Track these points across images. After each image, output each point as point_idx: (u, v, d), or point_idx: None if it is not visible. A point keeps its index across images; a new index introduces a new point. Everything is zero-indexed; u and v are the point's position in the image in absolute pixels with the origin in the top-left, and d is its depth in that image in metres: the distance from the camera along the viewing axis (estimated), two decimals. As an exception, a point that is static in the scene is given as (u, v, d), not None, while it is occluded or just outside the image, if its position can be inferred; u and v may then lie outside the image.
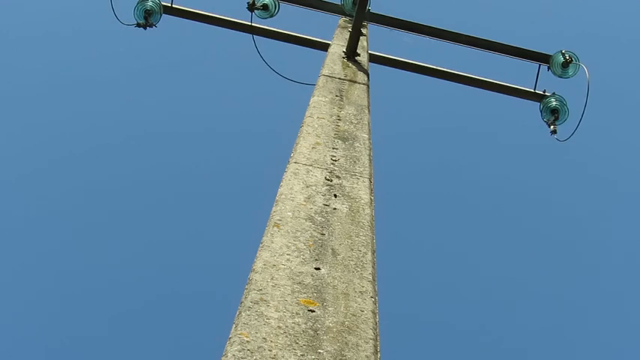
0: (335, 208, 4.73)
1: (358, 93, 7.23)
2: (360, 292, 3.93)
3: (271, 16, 10.53)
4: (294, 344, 3.35)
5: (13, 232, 24.06)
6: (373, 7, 10.61)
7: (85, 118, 25.15)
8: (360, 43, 8.70)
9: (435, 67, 10.79)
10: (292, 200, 4.67)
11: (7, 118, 24.78)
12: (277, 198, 4.69)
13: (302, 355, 3.30)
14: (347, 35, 8.93)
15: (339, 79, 7.53)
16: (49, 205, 24.36)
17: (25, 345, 23.38)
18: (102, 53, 25.26)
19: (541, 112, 10.56)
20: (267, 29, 10.61)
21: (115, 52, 25.03)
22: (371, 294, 3.95)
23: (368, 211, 4.84)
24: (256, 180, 22.88)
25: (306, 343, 3.38)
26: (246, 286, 3.72)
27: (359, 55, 8.54)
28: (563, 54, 10.60)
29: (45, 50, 25.44)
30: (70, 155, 24.87)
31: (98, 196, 24.55)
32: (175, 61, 25.69)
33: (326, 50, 8.96)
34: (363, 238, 4.49)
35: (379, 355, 3.58)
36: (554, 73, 10.68)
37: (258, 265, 3.89)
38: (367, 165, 5.55)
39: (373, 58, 9.90)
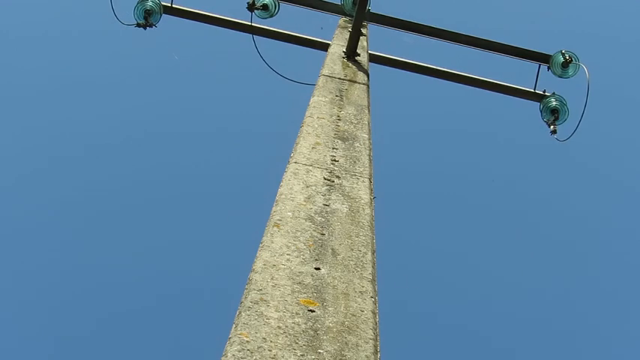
0: (335, 208, 4.73)
1: (358, 93, 7.23)
2: (360, 292, 3.93)
3: (271, 16, 10.53)
4: (294, 344, 3.35)
5: (15, 233, 24.08)
6: (373, 7, 10.61)
7: (85, 118, 25.18)
8: (360, 43, 8.70)
9: (435, 67, 10.79)
10: (292, 200, 4.67)
11: (7, 118, 24.80)
12: (277, 198, 4.69)
13: (302, 355, 3.30)
14: (347, 35, 8.93)
15: (339, 79, 7.53)
16: (49, 205, 24.37)
17: (26, 345, 23.40)
18: (102, 53, 25.27)
19: (541, 112, 10.56)
20: (267, 29, 10.61)
21: (115, 52, 25.05)
22: (371, 294, 3.95)
23: (368, 211, 4.84)
24: (256, 180, 22.90)
25: (306, 343, 3.38)
26: (246, 286, 3.72)
27: (359, 55, 8.54)
28: (563, 54, 10.60)
29: (45, 50, 25.45)
30: (70, 156, 24.89)
31: (98, 197, 24.57)
32: (175, 61, 25.70)
33: (326, 50, 8.96)
34: (363, 238, 4.49)
35: (379, 355, 3.58)
36: (554, 73, 10.68)
37: (258, 265, 3.89)
38: (367, 165, 5.55)
39: (373, 58, 9.90)
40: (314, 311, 3.62)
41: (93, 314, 23.57)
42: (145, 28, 10.15)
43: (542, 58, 10.77)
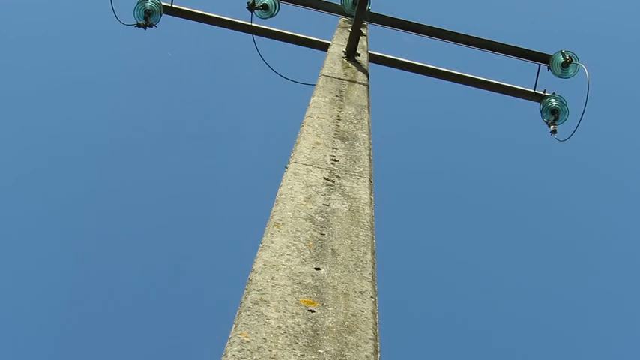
0: (335, 208, 4.73)
1: (358, 93, 7.23)
2: (360, 292, 3.93)
3: (271, 16, 10.53)
4: (294, 344, 3.35)
5: (17, 233, 24.08)
6: (373, 7, 10.61)
7: (85, 118, 25.18)
8: (360, 43, 8.70)
9: (435, 67, 10.79)
10: (292, 200, 4.67)
11: (6, 118, 24.80)
12: (277, 198, 4.69)
13: (302, 355, 3.30)
14: (347, 35, 8.93)
15: (339, 79, 7.53)
16: (50, 205, 24.38)
17: (28, 344, 23.40)
18: (102, 53, 25.27)
19: (541, 112, 10.56)
20: (267, 29, 10.61)
21: (115, 52, 25.07)
22: (371, 294, 3.95)
23: (368, 211, 4.84)
24: (256, 180, 22.91)
25: (306, 343, 3.38)
26: (246, 286, 3.72)
27: (359, 55, 8.54)
28: (563, 54, 10.59)
29: (45, 50, 25.46)
30: (70, 156, 24.88)
31: (98, 196, 24.57)
32: (176, 62, 25.72)
33: (326, 50, 8.96)
34: (363, 238, 4.49)
35: (379, 355, 3.58)
36: (554, 73, 10.68)
37: (258, 265, 3.89)
38: (367, 165, 5.55)
39: (373, 58, 9.90)
40: (314, 311, 3.62)
41: (94, 314, 23.56)
42: (145, 28, 10.14)
43: (542, 58, 10.77)
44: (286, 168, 5.13)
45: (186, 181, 25.36)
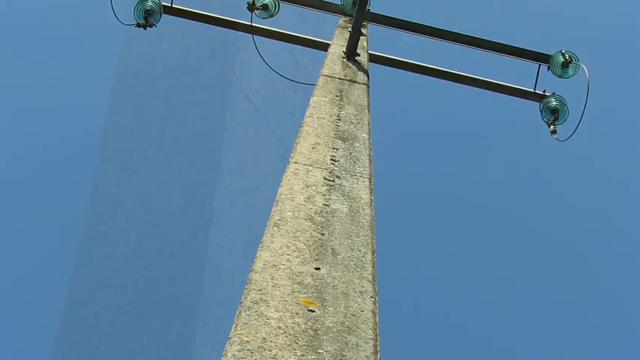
0: (335, 208, 4.73)
1: (358, 93, 7.23)
2: (360, 292, 3.93)
3: (271, 16, 10.53)
4: (294, 344, 3.35)
5: (16, 232, 24.15)
6: (373, 7, 10.60)
7: (85, 117, 25.23)
8: (360, 43, 8.71)
9: (435, 67, 10.79)
10: (292, 200, 4.67)
11: (6, 117, 24.88)
12: (277, 198, 4.70)
13: (302, 355, 3.31)
14: (347, 35, 8.94)
15: (339, 79, 7.53)
16: (51, 205, 24.43)
17: (31, 344, 23.47)
18: (102, 53, 25.34)
19: (541, 112, 10.57)
20: (267, 29, 10.62)
21: (115, 52, 25.12)
22: (371, 294, 3.95)
23: (368, 211, 4.85)
24: (256, 179, 22.95)
25: (306, 343, 3.38)
26: (246, 286, 3.72)
27: (359, 55, 8.55)
28: (563, 54, 10.60)
29: (45, 50, 25.52)
30: (71, 155, 24.93)
31: (100, 195, 24.61)
32: (176, 63, 25.77)
33: (326, 50, 8.97)
34: (363, 238, 4.49)
35: (379, 355, 3.58)
36: (554, 73, 10.68)
37: (258, 265, 3.90)
38: (367, 165, 5.55)
39: (373, 58, 9.90)
40: (314, 311, 3.62)
41: (91, 312, 23.54)
42: (145, 28, 10.14)
43: (542, 58, 10.77)
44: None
45: (185, 180, 25.39)
